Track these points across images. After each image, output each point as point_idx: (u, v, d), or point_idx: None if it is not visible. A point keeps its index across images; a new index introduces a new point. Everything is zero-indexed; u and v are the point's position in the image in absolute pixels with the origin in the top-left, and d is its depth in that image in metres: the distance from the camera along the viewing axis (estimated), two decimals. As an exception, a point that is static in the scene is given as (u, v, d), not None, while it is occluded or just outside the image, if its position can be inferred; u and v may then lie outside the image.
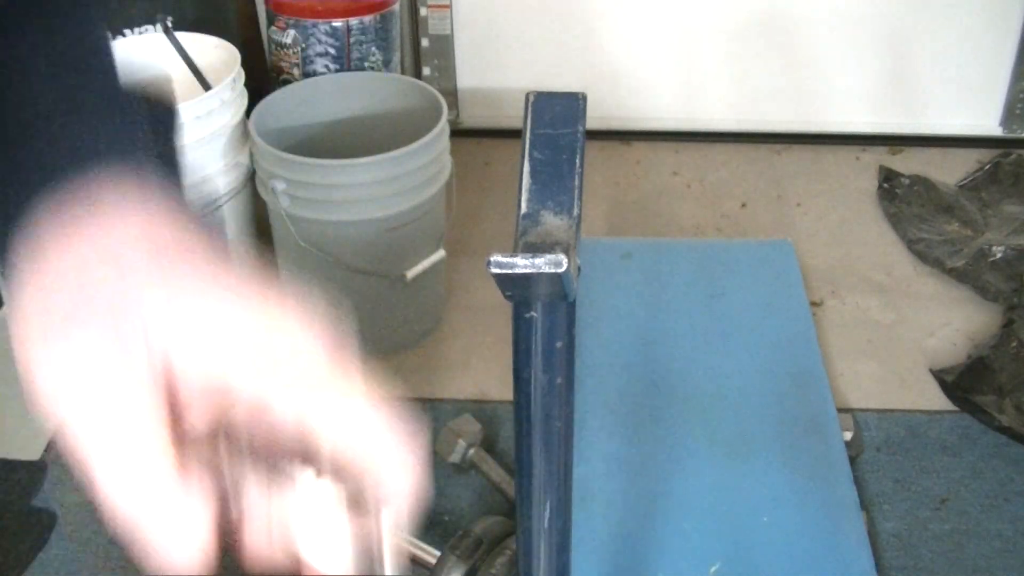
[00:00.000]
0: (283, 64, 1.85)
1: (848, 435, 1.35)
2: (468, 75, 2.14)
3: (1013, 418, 1.42)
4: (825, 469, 1.29)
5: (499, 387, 1.53)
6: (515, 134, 0.65)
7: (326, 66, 1.82)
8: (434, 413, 1.47)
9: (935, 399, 1.51)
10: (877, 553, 1.25)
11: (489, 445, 1.41)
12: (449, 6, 2.06)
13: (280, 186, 1.43)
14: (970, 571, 1.26)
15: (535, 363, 0.54)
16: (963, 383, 1.49)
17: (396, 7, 1.88)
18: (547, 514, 0.62)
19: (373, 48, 1.83)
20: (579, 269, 0.47)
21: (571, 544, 0.67)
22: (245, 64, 1.57)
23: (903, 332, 1.64)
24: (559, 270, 0.43)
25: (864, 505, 1.31)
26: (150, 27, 1.67)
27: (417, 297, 1.58)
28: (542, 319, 0.52)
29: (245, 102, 1.56)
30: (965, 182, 1.97)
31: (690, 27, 2.06)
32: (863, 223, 1.90)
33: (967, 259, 1.72)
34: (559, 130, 0.60)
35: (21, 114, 0.39)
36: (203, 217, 0.39)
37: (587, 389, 1.41)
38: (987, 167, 1.98)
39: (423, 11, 2.07)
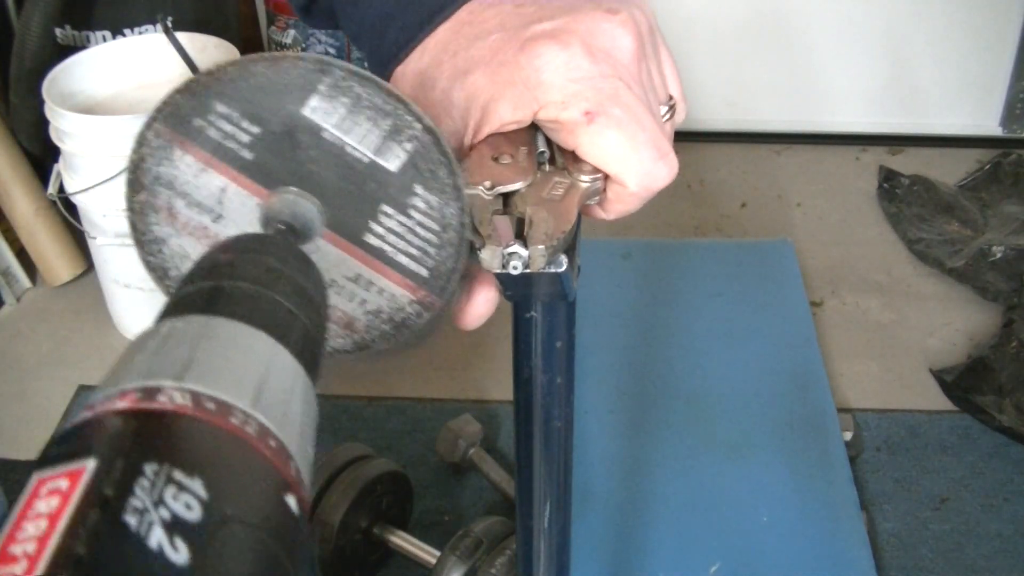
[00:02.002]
0: (283, 64, 1.85)
1: (848, 435, 1.35)
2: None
3: (1013, 418, 1.42)
4: (825, 469, 1.29)
5: (499, 387, 1.53)
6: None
7: (326, 66, 1.82)
8: (434, 413, 1.47)
9: (935, 399, 1.51)
10: (877, 553, 1.25)
11: (489, 445, 1.41)
12: (449, 6, 2.06)
13: (280, 186, 1.43)
14: (970, 571, 1.26)
15: (535, 363, 0.54)
16: (963, 383, 1.49)
17: (396, 7, 1.88)
18: (547, 514, 0.62)
19: (373, 48, 1.83)
20: (579, 269, 0.47)
21: (571, 544, 0.67)
22: (245, 64, 1.57)
23: (903, 332, 1.64)
24: (559, 270, 0.42)
25: (864, 505, 1.31)
26: (150, 27, 1.67)
27: (417, 297, 1.58)
28: (542, 319, 0.52)
29: (245, 102, 1.56)
30: (965, 182, 1.97)
31: (689, 26, 2.06)
32: (863, 223, 1.90)
33: (967, 259, 1.72)
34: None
35: None
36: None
37: (587, 389, 1.41)
38: (987, 167, 1.98)
39: (423, 11, 2.06)
